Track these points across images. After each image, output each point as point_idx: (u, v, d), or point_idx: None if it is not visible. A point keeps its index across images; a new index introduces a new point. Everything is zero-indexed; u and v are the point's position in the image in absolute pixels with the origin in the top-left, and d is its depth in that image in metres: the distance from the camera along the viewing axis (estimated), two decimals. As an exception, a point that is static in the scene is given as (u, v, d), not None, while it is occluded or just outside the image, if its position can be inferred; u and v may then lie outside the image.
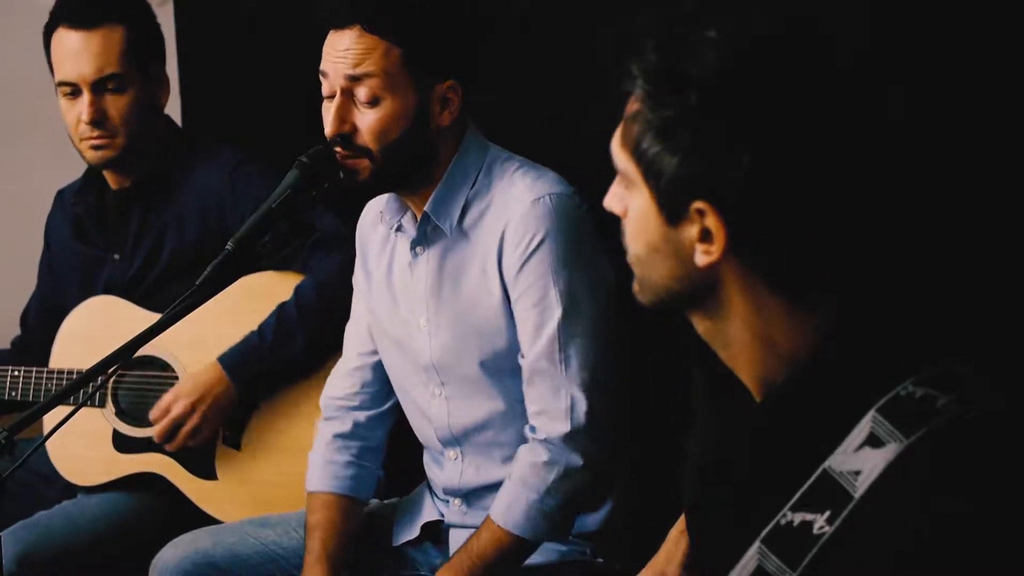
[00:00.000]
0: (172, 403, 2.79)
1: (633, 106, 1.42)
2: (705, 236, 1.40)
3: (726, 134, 1.36)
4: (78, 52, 2.83)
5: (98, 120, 2.83)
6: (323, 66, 2.22)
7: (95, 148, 2.86)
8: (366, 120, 2.19)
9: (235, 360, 2.79)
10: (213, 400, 2.79)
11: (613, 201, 1.48)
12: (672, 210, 1.41)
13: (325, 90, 2.23)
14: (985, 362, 1.40)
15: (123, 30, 2.84)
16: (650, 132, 1.39)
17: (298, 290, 2.80)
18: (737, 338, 1.45)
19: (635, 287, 1.50)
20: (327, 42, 2.22)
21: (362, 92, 2.18)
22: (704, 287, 1.43)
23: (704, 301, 1.44)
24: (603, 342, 2.25)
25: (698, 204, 1.38)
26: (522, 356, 2.27)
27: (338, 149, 2.20)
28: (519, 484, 2.26)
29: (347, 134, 2.20)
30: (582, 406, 2.24)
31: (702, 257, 1.40)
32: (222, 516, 2.81)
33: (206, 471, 2.85)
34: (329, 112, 2.20)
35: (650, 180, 1.41)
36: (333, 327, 2.66)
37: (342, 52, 2.18)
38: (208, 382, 2.79)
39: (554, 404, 2.24)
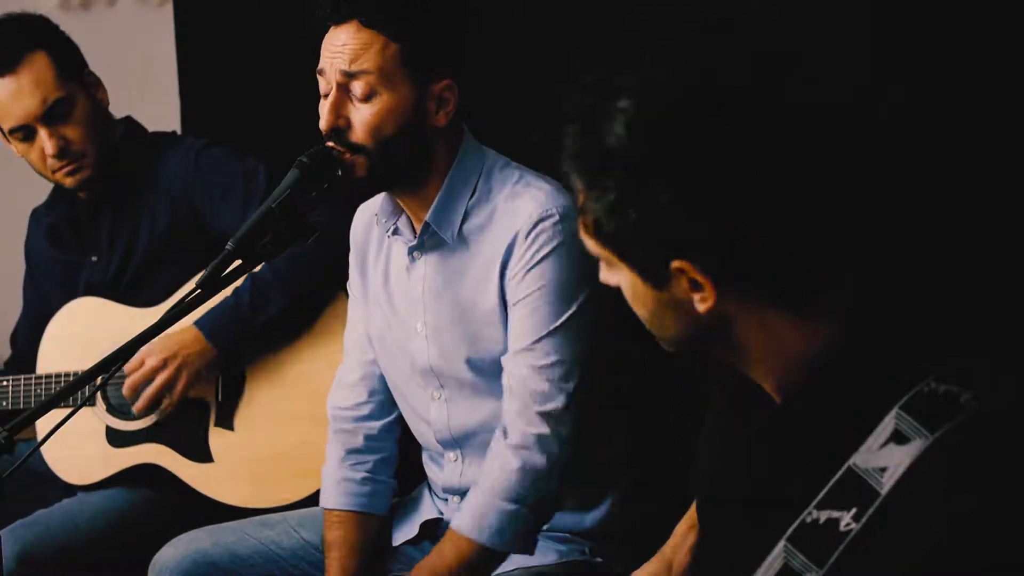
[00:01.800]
0: (146, 356, 2.79)
1: (580, 197, 1.46)
2: (695, 286, 1.43)
3: (667, 195, 1.38)
4: (14, 95, 2.83)
5: (63, 148, 2.85)
6: (321, 62, 2.21)
7: (71, 175, 2.88)
8: (361, 115, 2.18)
9: (212, 322, 2.79)
10: (186, 357, 2.79)
11: (607, 278, 1.52)
12: (655, 277, 1.44)
13: (322, 87, 2.22)
14: (1005, 357, 1.40)
15: (44, 54, 2.84)
16: (603, 215, 1.42)
17: None
18: (756, 359, 1.48)
19: (658, 341, 1.53)
20: (325, 39, 2.21)
21: (358, 87, 2.17)
22: (717, 327, 1.46)
23: (721, 338, 1.47)
24: (590, 353, 2.25)
25: (675, 264, 1.41)
26: (505, 358, 2.26)
27: (331, 144, 2.19)
28: (490, 493, 2.22)
29: (341, 129, 2.18)
30: (562, 413, 2.22)
31: (701, 305, 1.43)
32: (222, 498, 2.81)
33: (202, 454, 2.86)
34: (324, 107, 2.19)
35: (624, 258, 1.45)
36: (307, 285, 2.68)
37: (339, 47, 2.17)
38: (183, 341, 2.79)
39: (532, 408, 2.22)
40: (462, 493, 2.40)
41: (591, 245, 1.48)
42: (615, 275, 1.50)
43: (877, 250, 1.48)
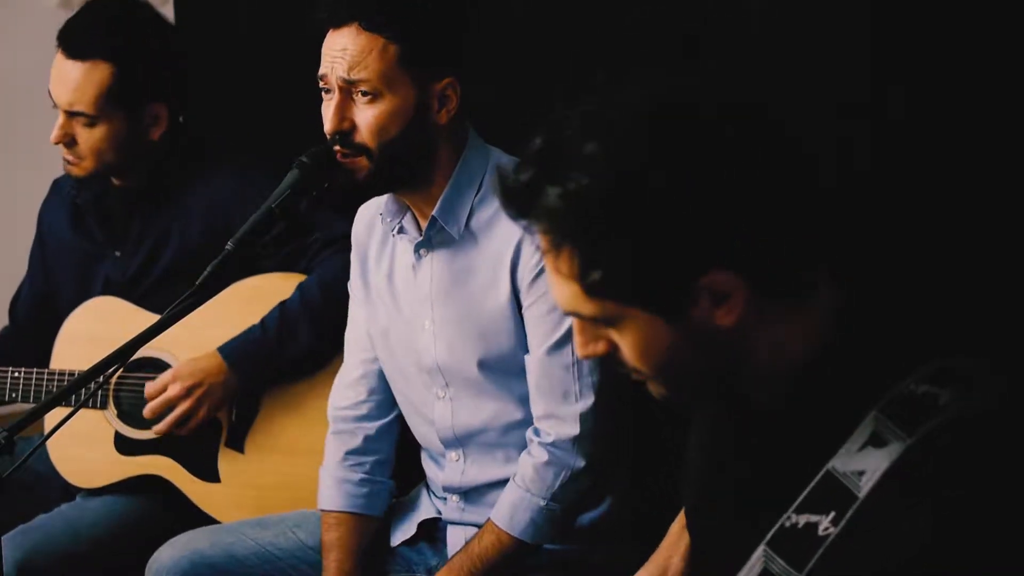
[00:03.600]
0: (169, 383, 2.76)
1: (563, 262, 1.40)
2: (718, 301, 1.39)
3: (688, 210, 1.35)
4: (59, 77, 2.77)
5: (65, 143, 2.80)
6: (322, 67, 2.20)
7: (66, 162, 2.84)
8: (364, 117, 2.18)
9: (236, 351, 2.76)
10: (209, 387, 2.76)
11: (591, 348, 1.47)
12: (676, 308, 1.39)
13: (325, 88, 2.22)
14: (983, 359, 1.40)
15: (110, 68, 2.75)
16: (617, 266, 1.37)
17: (302, 287, 2.78)
18: (757, 367, 1.45)
19: (663, 394, 1.49)
20: (325, 43, 2.21)
21: (360, 91, 2.17)
22: (731, 342, 1.42)
23: (731, 356, 1.44)
24: None
25: (706, 279, 1.37)
26: (529, 358, 2.27)
27: (337, 148, 2.19)
28: (524, 489, 2.26)
29: (346, 131, 2.18)
30: (591, 411, 2.24)
31: (728, 317, 1.40)
32: (225, 519, 2.78)
33: (209, 474, 2.84)
34: (328, 109, 2.19)
35: (642, 302, 1.40)
36: (336, 325, 2.65)
37: (339, 52, 2.17)
38: (206, 369, 2.76)
39: (565, 408, 2.24)
40: (463, 492, 2.41)
41: (589, 309, 1.42)
42: (609, 334, 1.45)
43: (865, 250, 1.48)
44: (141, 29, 2.82)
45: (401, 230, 2.33)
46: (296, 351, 2.77)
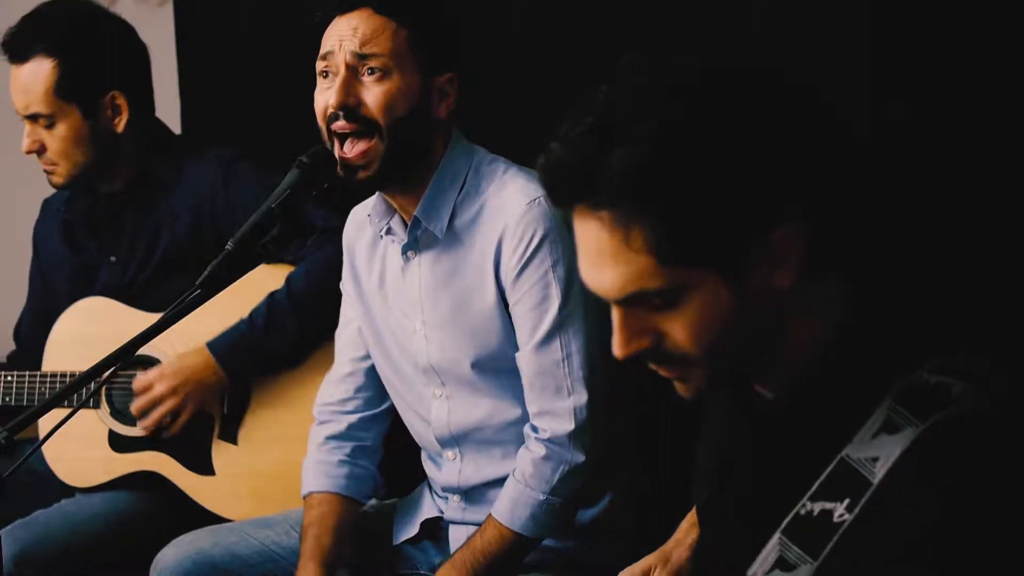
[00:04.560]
0: (155, 381, 2.77)
1: (635, 235, 1.37)
2: (778, 262, 1.38)
3: (751, 157, 1.35)
4: (13, 85, 2.80)
5: (36, 151, 2.82)
6: (327, 46, 2.21)
7: (46, 173, 2.86)
8: (373, 93, 2.19)
9: (224, 347, 2.78)
10: (196, 384, 2.77)
11: (635, 343, 1.43)
12: (740, 269, 1.38)
13: (322, 70, 2.22)
14: (998, 352, 1.40)
15: (53, 63, 2.77)
16: (694, 223, 1.35)
17: (289, 280, 2.79)
18: (783, 346, 1.44)
19: (696, 386, 1.47)
20: (331, 27, 2.22)
21: (370, 68, 2.19)
22: (778, 316, 1.42)
23: (773, 336, 1.43)
24: (600, 339, 2.26)
25: (775, 234, 1.37)
26: (519, 356, 2.27)
27: (340, 124, 2.18)
28: (523, 484, 2.27)
29: (352, 106, 2.19)
30: (584, 404, 2.25)
31: (785, 279, 1.39)
32: (221, 511, 2.80)
33: (203, 466, 2.85)
34: (333, 87, 2.19)
35: (719, 263, 1.38)
36: (323, 316, 2.66)
37: (350, 31, 2.19)
38: (194, 366, 2.78)
39: (558, 404, 2.25)
40: (461, 492, 2.41)
41: (658, 282, 1.38)
42: (653, 327, 1.42)
43: (876, 241, 1.48)
44: (77, 21, 2.84)
45: (389, 231, 2.34)
46: (283, 344, 2.78)
